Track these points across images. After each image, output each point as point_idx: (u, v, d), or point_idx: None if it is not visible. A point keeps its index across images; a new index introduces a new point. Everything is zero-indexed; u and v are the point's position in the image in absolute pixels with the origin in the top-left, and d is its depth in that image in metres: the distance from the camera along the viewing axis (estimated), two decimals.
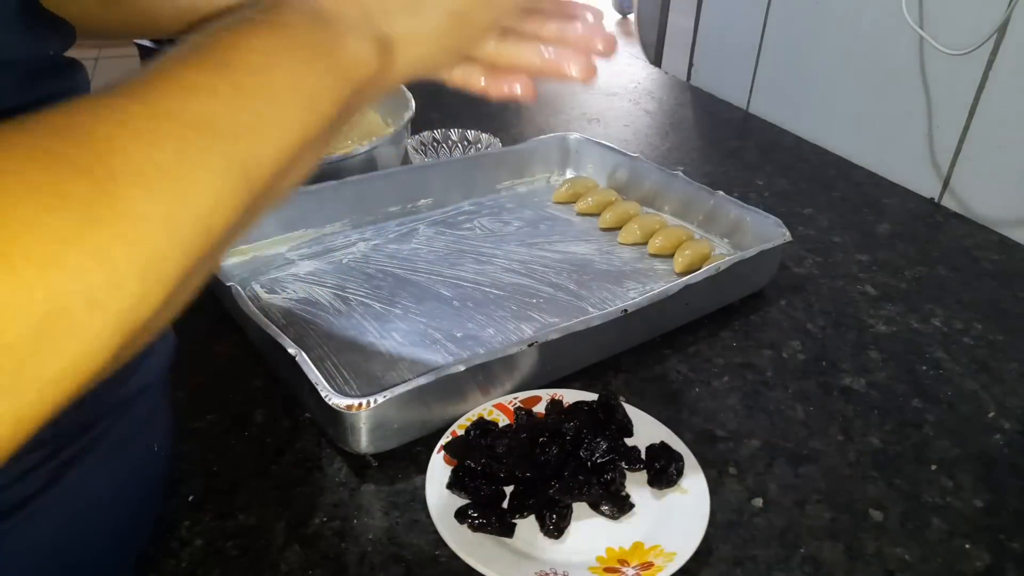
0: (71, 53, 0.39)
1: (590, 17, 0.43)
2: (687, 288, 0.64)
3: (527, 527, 0.48)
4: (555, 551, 0.47)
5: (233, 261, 0.72)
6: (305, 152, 0.30)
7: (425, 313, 0.67)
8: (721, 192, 0.80)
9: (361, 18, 0.34)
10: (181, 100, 0.26)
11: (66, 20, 0.38)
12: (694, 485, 0.50)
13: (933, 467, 0.55)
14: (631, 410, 0.55)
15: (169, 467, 0.46)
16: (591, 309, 0.68)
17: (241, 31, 0.30)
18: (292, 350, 0.52)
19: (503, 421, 0.54)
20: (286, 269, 0.72)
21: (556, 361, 0.59)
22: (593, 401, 0.56)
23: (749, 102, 1.25)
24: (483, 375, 0.55)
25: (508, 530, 0.47)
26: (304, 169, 0.32)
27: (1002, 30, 0.85)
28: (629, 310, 0.60)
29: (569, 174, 0.93)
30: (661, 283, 0.67)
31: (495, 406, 0.55)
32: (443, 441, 0.52)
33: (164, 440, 0.44)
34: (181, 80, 0.27)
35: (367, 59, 0.33)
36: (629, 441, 0.54)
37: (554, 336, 0.57)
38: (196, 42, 0.29)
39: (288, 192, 0.31)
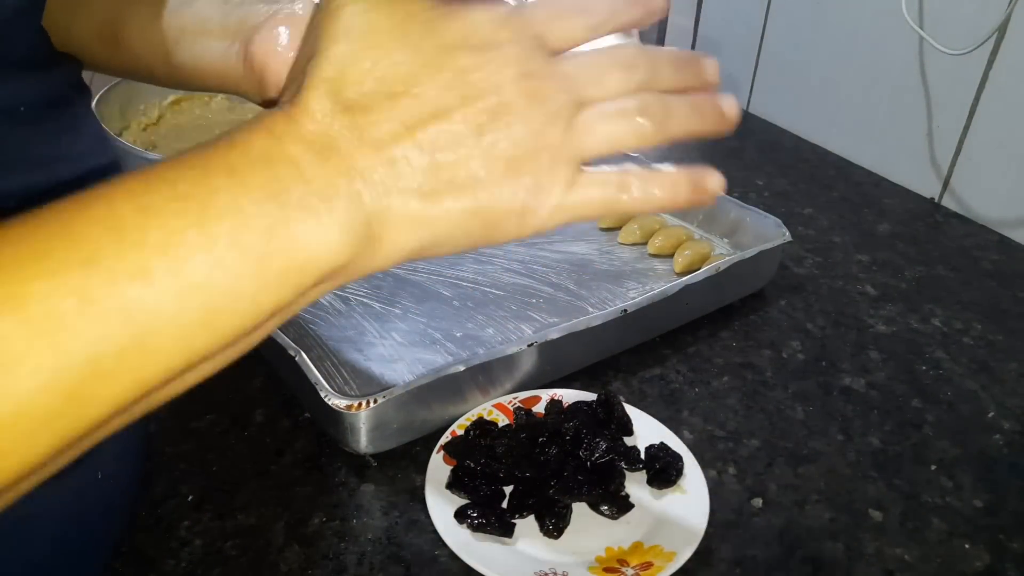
0: None
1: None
2: (687, 288, 0.64)
3: (526, 527, 0.48)
4: (554, 551, 0.47)
5: None
6: (191, 372, 0.24)
7: (425, 313, 0.67)
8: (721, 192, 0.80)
9: (349, 188, 0.25)
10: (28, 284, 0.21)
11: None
12: (693, 485, 0.50)
13: (933, 467, 0.55)
14: (631, 410, 0.55)
15: (127, 490, 0.44)
16: (591, 309, 0.68)
17: (152, 200, 0.23)
18: (292, 350, 0.52)
19: (503, 421, 0.54)
20: None
21: (556, 361, 0.59)
22: (593, 401, 0.56)
23: (749, 102, 1.25)
24: (483, 375, 0.55)
25: (507, 530, 0.47)
26: (191, 382, 0.25)
27: (1002, 30, 0.85)
28: (629, 310, 0.60)
29: None
30: (661, 283, 0.67)
31: (495, 406, 0.55)
32: (443, 441, 0.52)
33: (112, 465, 0.40)
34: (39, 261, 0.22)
35: (333, 253, 0.25)
36: (629, 441, 0.54)
37: (554, 336, 0.57)
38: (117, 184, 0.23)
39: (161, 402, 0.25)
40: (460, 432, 0.53)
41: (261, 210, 0.24)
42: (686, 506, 0.49)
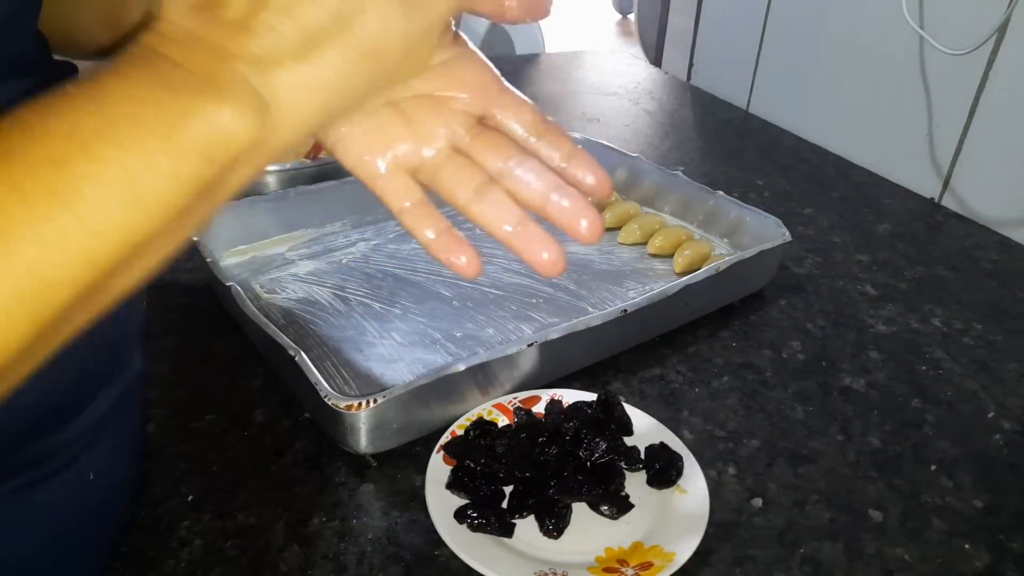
0: None
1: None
2: (687, 288, 0.64)
3: (526, 527, 0.48)
4: (554, 551, 0.47)
5: (233, 261, 0.72)
6: (137, 255, 0.25)
7: (425, 313, 0.67)
8: (721, 192, 0.80)
9: (229, 70, 0.26)
10: None
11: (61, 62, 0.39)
12: (693, 485, 0.50)
13: (933, 467, 0.55)
14: (631, 410, 0.55)
15: (122, 490, 0.44)
16: (591, 309, 0.68)
17: (51, 104, 0.24)
18: (292, 350, 0.52)
19: (503, 421, 0.54)
20: (286, 269, 0.72)
21: (556, 361, 0.59)
22: (592, 401, 0.56)
23: (749, 102, 1.25)
24: (483, 375, 0.55)
25: (507, 530, 0.47)
26: (143, 270, 0.26)
27: (1002, 30, 0.85)
28: (629, 310, 0.60)
29: None
30: (661, 283, 0.67)
31: (495, 406, 0.55)
32: (443, 441, 0.52)
33: (103, 465, 0.40)
34: None
35: (236, 128, 0.26)
36: (629, 441, 0.53)
37: (554, 336, 0.57)
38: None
39: (123, 292, 0.27)
40: (460, 432, 0.53)
41: (152, 94, 0.25)
42: (686, 506, 0.49)
